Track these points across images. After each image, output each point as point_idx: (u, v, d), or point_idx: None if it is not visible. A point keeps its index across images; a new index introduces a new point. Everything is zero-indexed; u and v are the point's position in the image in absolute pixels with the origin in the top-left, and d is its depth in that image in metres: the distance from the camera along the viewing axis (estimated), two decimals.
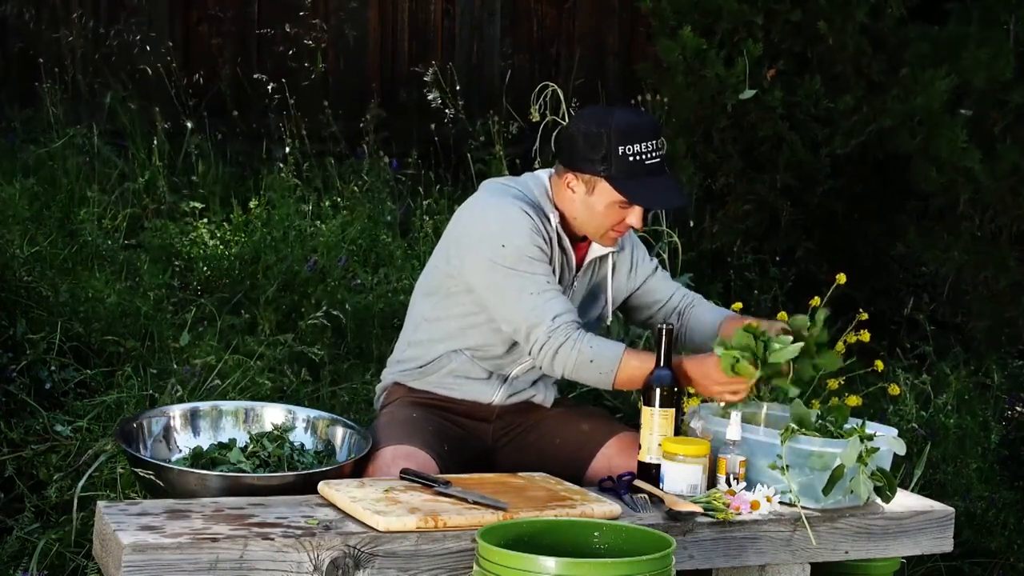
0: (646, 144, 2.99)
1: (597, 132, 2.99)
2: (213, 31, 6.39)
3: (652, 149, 3.00)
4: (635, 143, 2.98)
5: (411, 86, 6.59)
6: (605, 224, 3.07)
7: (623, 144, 2.97)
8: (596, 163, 3.00)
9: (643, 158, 2.99)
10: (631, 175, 2.99)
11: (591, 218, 3.07)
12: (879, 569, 3.01)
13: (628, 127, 2.99)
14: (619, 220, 3.05)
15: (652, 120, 3.12)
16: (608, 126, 2.99)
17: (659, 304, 3.31)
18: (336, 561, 2.44)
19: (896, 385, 3.40)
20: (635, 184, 2.99)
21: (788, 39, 5.56)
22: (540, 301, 2.98)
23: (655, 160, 3.00)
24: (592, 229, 3.10)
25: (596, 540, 2.44)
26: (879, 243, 5.71)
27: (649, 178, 3.00)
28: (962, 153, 5.13)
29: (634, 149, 2.98)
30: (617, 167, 2.98)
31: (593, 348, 2.95)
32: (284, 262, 4.66)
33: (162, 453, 3.00)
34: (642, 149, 2.98)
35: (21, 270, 4.00)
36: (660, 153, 3.02)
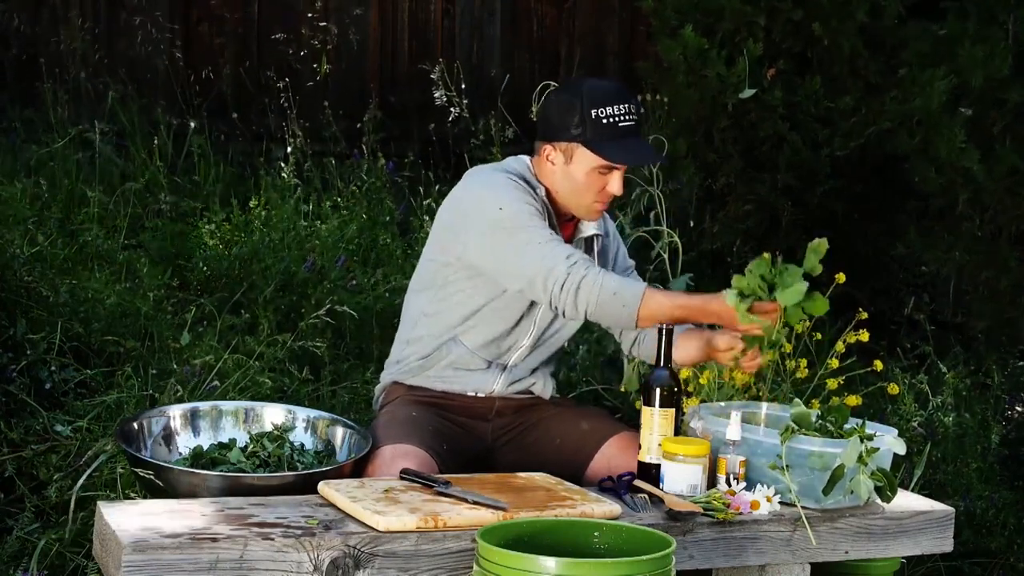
0: (618, 107, 3.03)
1: (569, 100, 3.05)
2: (214, 31, 6.39)
3: (625, 112, 3.04)
4: (607, 106, 3.02)
5: (411, 86, 6.59)
6: (588, 193, 3.08)
7: (595, 107, 3.02)
8: (572, 130, 3.04)
9: (616, 120, 3.02)
10: (606, 137, 3.03)
11: (573, 188, 3.09)
12: (879, 569, 3.01)
13: (599, 91, 3.05)
14: (601, 187, 3.07)
15: (622, 85, 3.15)
16: (580, 93, 3.05)
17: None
18: (336, 561, 2.44)
19: (896, 385, 3.40)
20: (611, 145, 3.03)
21: (789, 39, 5.56)
22: (550, 248, 2.98)
23: (629, 122, 3.04)
24: (575, 201, 3.11)
25: (596, 540, 2.44)
26: (879, 243, 5.71)
27: (624, 139, 3.03)
28: (960, 153, 5.13)
29: (607, 111, 3.02)
30: (592, 130, 3.02)
31: (616, 282, 2.96)
32: (283, 262, 4.66)
33: (162, 453, 3.00)
34: (615, 111, 3.02)
35: (21, 270, 4.01)
36: (633, 116, 3.05)
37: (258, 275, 4.61)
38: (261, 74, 6.26)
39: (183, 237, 4.87)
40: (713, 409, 3.04)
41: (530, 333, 3.17)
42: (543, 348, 3.23)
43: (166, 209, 5.10)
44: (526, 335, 3.17)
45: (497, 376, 3.17)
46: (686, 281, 4.18)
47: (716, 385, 3.41)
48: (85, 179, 5.08)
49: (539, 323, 3.17)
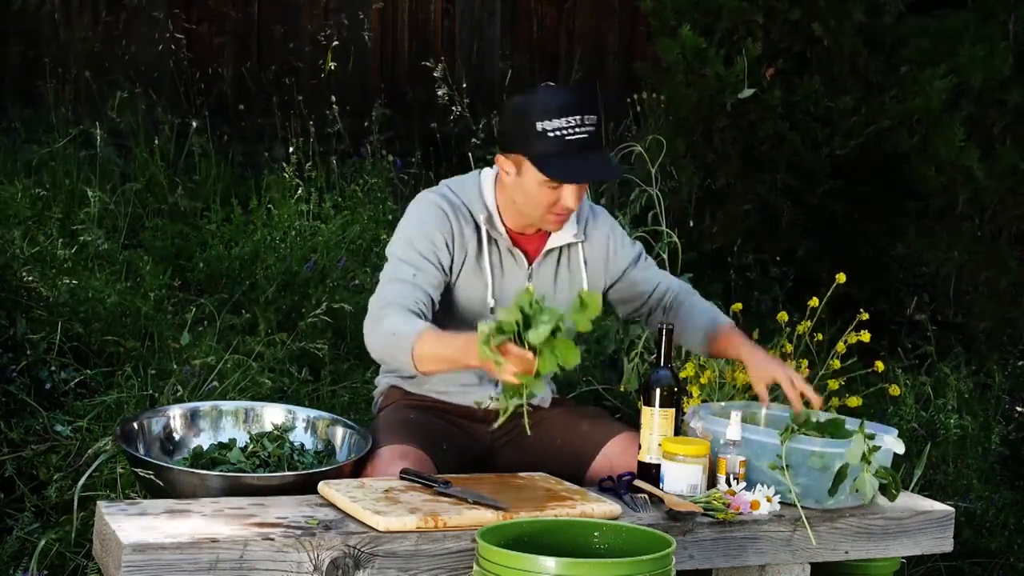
0: (568, 119, 2.92)
1: (519, 111, 2.97)
2: (214, 30, 6.39)
3: (576, 125, 2.92)
4: (553, 119, 2.92)
5: (412, 86, 6.59)
6: (540, 206, 3.01)
7: (541, 120, 2.92)
8: (520, 142, 2.96)
9: (564, 134, 2.92)
10: (552, 152, 2.93)
11: (526, 201, 3.03)
12: (879, 569, 3.01)
13: (547, 104, 2.94)
14: (552, 201, 2.99)
15: (580, 96, 2.98)
16: (529, 104, 2.96)
17: (642, 298, 3.28)
18: (336, 561, 2.44)
19: (896, 385, 3.40)
20: (556, 161, 2.93)
21: (788, 38, 5.56)
22: (389, 287, 2.98)
23: (580, 135, 2.92)
24: (530, 213, 3.06)
25: (596, 540, 2.44)
26: (879, 243, 5.71)
27: (572, 154, 2.93)
28: (960, 152, 5.13)
29: (553, 125, 2.92)
30: (537, 144, 2.93)
31: (398, 324, 2.88)
32: (284, 262, 4.66)
33: (162, 453, 3.00)
34: (562, 125, 2.92)
35: (21, 270, 4.01)
36: (586, 129, 2.93)
37: (259, 275, 4.61)
38: (261, 74, 6.26)
39: (184, 237, 4.87)
40: (713, 409, 3.04)
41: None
42: None
43: (166, 209, 5.11)
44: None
45: (491, 391, 3.17)
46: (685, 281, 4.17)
47: (716, 385, 3.41)
48: (86, 179, 5.08)
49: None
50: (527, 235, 3.14)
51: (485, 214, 3.09)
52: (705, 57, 5.44)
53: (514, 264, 3.13)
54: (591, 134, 2.94)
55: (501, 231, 3.10)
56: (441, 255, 3.04)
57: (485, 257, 3.09)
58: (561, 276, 3.18)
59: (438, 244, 3.04)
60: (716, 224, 5.73)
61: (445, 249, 3.05)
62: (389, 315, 2.92)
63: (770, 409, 3.11)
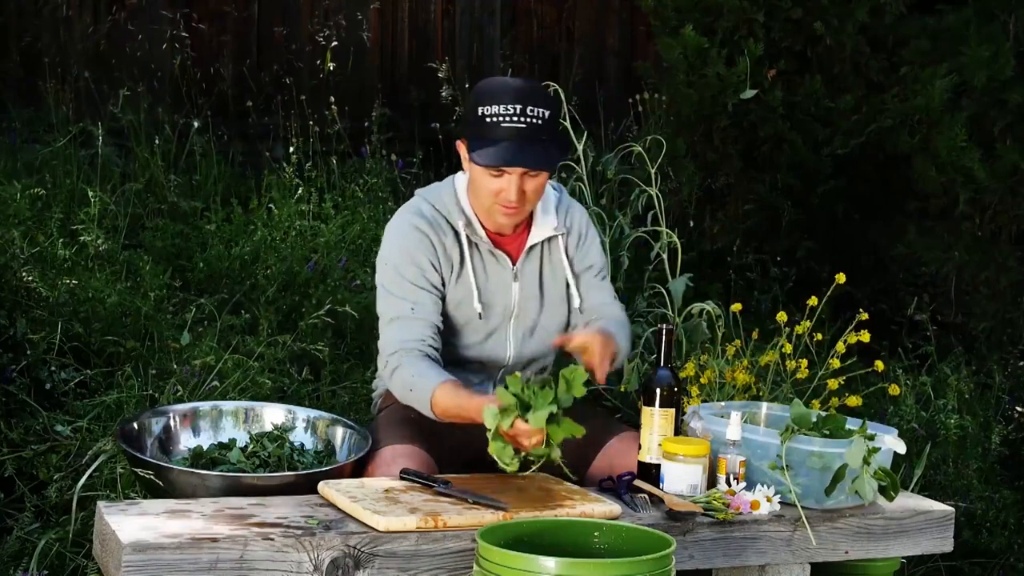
0: (506, 107, 2.91)
1: (471, 95, 3.00)
2: (214, 30, 6.39)
3: (514, 113, 2.90)
4: (492, 104, 2.92)
5: (412, 86, 6.59)
6: (484, 195, 3.01)
7: (481, 105, 2.94)
8: (465, 125, 2.99)
9: (499, 120, 2.91)
10: (485, 136, 2.93)
11: (476, 191, 3.03)
12: (879, 569, 3.01)
13: (489, 89, 2.97)
14: (496, 190, 2.97)
15: (529, 88, 2.98)
16: (478, 89, 3.00)
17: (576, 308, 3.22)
18: (336, 561, 2.44)
19: (896, 385, 3.40)
20: (485, 144, 2.93)
21: (789, 38, 5.56)
22: (392, 329, 3.01)
23: (517, 124, 2.90)
24: (478, 204, 3.06)
25: (596, 540, 2.44)
26: (880, 243, 5.71)
27: (504, 141, 2.91)
28: (961, 152, 5.12)
29: (491, 110, 2.92)
30: (475, 128, 2.94)
31: (414, 377, 2.94)
32: (284, 262, 4.66)
33: (162, 453, 3.00)
34: (499, 111, 2.91)
35: (21, 270, 4.01)
36: (527, 120, 2.91)
37: (259, 275, 4.61)
38: (262, 73, 6.26)
39: (184, 237, 4.87)
40: (713, 409, 3.04)
41: (507, 355, 3.17)
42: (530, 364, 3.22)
43: (167, 209, 5.11)
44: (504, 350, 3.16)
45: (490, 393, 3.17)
46: (685, 281, 4.17)
47: (716, 385, 3.41)
48: (86, 179, 5.08)
49: (515, 344, 3.16)
50: (507, 236, 3.13)
51: (464, 220, 3.08)
52: (706, 57, 5.44)
53: (497, 266, 3.12)
54: (531, 126, 2.92)
55: (481, 235, 3.10)
56: (431, 277, 3.05)
57: (468, 264, 3.09)
58: (546, 272, 3.18)
59: (425, 267, 3.05)
60: (716, 224, 5.73)
61: (433, 270, 3.06)
62: (403, 365, 2.96)
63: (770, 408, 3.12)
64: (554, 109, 2.97)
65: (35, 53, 6.04)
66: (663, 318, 4.09)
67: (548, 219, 3.15)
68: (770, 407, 3.14)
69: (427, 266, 3.05)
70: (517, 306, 3.15)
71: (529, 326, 3.17)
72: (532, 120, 2.92)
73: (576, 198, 4.40)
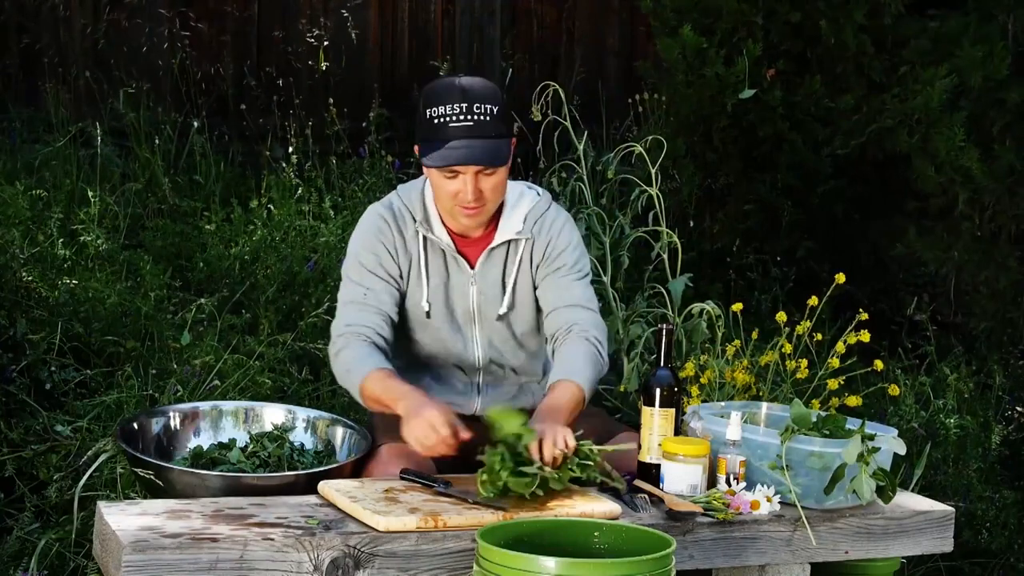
0: (451, 106, 2.92)
1: (420, 100, 3.00)
2: (214, 30, 6.39)
3: (460, 112, 2.91)
4: (437, 105, 2.93)
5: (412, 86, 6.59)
6: (442, 197, 3.00)
7: (428, 107, 2.95)
8: (416, 129, 3.00)
9: (446, 120, 2.92)
10: (433, 137, 2.94)
11: (436, 193, 3.03)
12: (879, 569, 3.01)
13: (435, 91, 2.97)
14: (453, 191, 2.96)
15: (472, 86, 2.97)
16: (424, 92, 3.01)
17: (543, 314, 3.15)
18: (336, 561, 2.44)
19: (896, 385, 3.40)
20: (434, 145, 2.93)
21: (788, 39, 5.56)
22: (345, 311, 3.04)
23: (465, 123, 2.91)
24: (441, 206, 3.05)
25: (596, 540, 2.44)
26: (880, 243, 5.71)
27: (450, 140, 2.92)
28: (959, 152, 5.12)
29: (437, 112, 2.93)
30: (425, 131, 2.96)
31: (352, 360, 2.96)
32: (284, 262, 4.66)
33: (162, 453, 3.00)
34: (445, 111, 2.92)
35: (21, 270, 4.01)
36: (474, 117, 2.91)
37: (259, 275, 4.61)
38: (261, 73, 6.26)
39: (184, 237, 4.87)
40: (713, 409, 3.04)
41: (476, 357, 3.16)
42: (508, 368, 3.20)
43: (167, 209, 5.11)
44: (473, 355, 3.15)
45: (474, 398, 3.17)
46: (685, 281, 4.17)
47: (716, 385, 3.41)
48: (86, 179, 5.08)
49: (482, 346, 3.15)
50: (471, 238, 3.11)
51: (423, 215, 3.08)
52: (705, 57, 5.44)
53: (457, 269, 3.11)
54: (478, 123, 2.91)
55: (441, 234, 3.08)
56: (387, 266, 3.06)
57: (422, 261, 3.09)
58: (508, 275, 3.13)
59: (381, 255, 3.06)
60: (716, 224, 5.73)
61: (390, 259, 3.07)
62: (346, 347, 2.99)
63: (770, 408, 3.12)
64: (500, 104, 2.97)
65: (35, 53, 6.04)
66: (663, 318, 4.09)
67: (512, 223, 3.10)
68: (770, 407, 3.14)
69: (384, 255, 3.06)
70: (477, 310, 3.12)
71: (497, 328, 3.14)
72: (479, 117, 2.92)
73: (576, 198, 4.41)
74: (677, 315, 4.09)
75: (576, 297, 3.10)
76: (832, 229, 5.73)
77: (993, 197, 5.19)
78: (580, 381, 2.95)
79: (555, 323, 3.10)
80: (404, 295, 3.10)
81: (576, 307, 3.09)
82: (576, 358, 3.00)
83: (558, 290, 3.11)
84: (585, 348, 3.02)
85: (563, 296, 3.10)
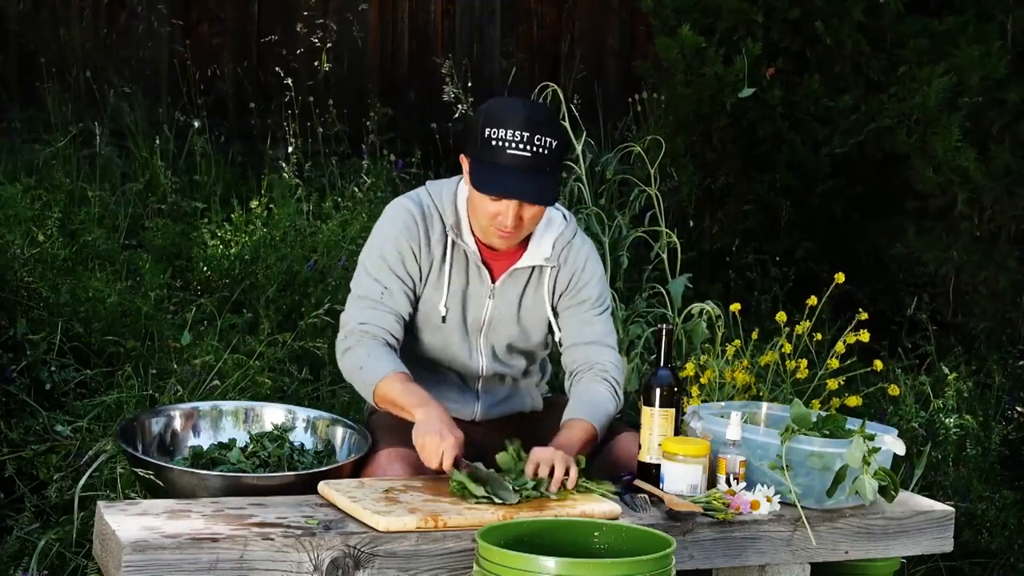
0: (513, 132, 2.84)
1: (479, 113, 2.94)
2: (214, 31, 6.39)
3: (521, 140, 2.84)
4: (500, 128, 2.85)
5: (411, 86, 6.59)
6: (480, 215, 2.95)
7: (488, 126, 2.87)
8: (469, 143, 2.92)
9: (505, 145, 2.84)
10: (488, 158, 2.87)
11: (473, 208, 2.98)
12: (879, 569, 3.01)
13: (498, 112, 2.89)
14: (493, 213, 2.92)
15: (540, 116, 2.90)
16: (488, 108, 2.93)
17: (562, 346, 3.14)
18: (336, 561, 2.44)
19: (896, 386, 3.40)
20: (486, 168, 2.87)
21: (787, 38, 5.56)
22: (358, 308, 3.00)
23: (522, 152, 2.84)
24: (476, 221, 3.00)
25: (596, 540, 2.44)
26: (879, 243, 5.71)
27: (505, 167, 2.85)
28: (956, 152, 5.12)
29: (498, 134, 2.85)
30: (479, 149, 2.88)
31: (368, 357, 2.93)
32: (284, 262, 4.66)
33: (162, 453, 3.00)
34: (506, 136, 2.85)
35: (21, 270, 4.01)
36: (532, 149, 2.84)
37: (259, 275, 4.61)
38: (261, 73, 6.26)
39: (184, 237, 4.87)
40: (713, 409, 3.04)
41: (480, 367, 3.14)
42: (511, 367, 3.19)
43: (167, 209, 5.11)
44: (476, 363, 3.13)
45: (472, 403, 3.16)
46: (685, 281, 4.18)
47: (716, 385, 3.41)
48: (86, 179, 5.08)
49: (486, 356, 3.13)
50: (497, 251, 3.06)
51: (454, 219, 3.04)
52: (704, 56, 5.44)
53: (478, 279, 3.08)
54: (536, 155, 2.85)
55: (469, 241, 3.05)
56: (410, 267, 3.02)
57: (447, 265, 3.05)
58: (527, 297, 3.11)
59: (405, 255, 3.01)
60: (716, 224, 5.73)
61: (413, 260, 3.02)
62: (359, 344, 2.96)
63: (770, 408, 3.12)
64: (562, 139, 2.92)
65: (34, 53, 6.04)
66: (663, 318, 4.10)
67: (541, 249, 3.08)
68: (770, 407, 3.14)
69: (409, 256, 3.02)
70: (488, 323, 3.10)
71: (502, 344, 3.13)
72: (538, 150, 2.86)
73: (575, 198, 4.41)
74: (677, 315, 4.09)
75: (597, 333, 3.12)
76: (831, 229, 5.73)
77: (992, 197, 5.19)
78: (595, 423, 2.98)
79: (575, 359, 3.12)
80: (419, 297, 3.07)
81: (597, 344, 3.11)
82: (593, 399, 3.04)
83: (580, 325, 3.12)
84: (603, 388, 3.06)
85: (584, 332, 3.12)
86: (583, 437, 2.94)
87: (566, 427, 2.97)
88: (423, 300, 3.08)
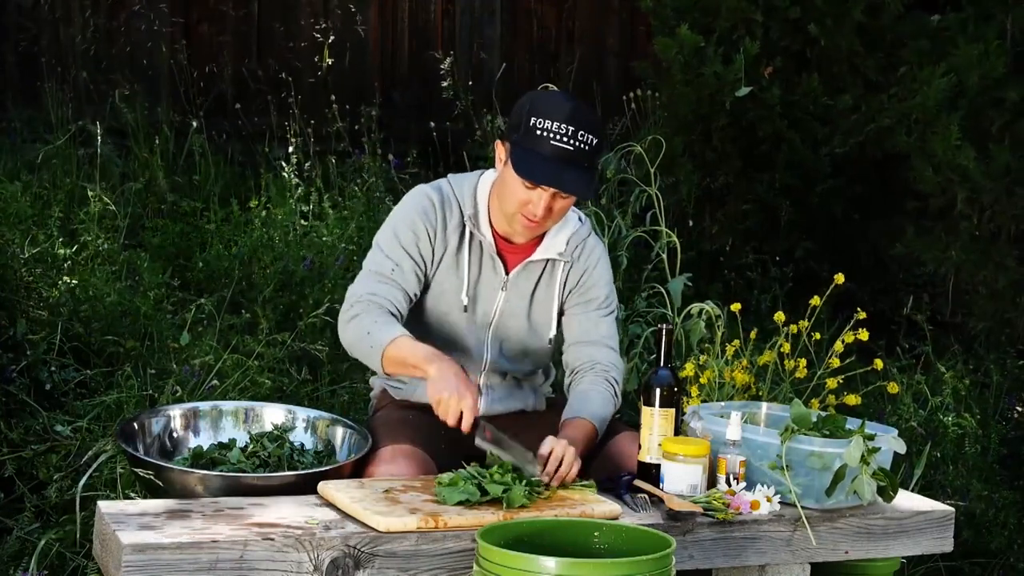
0: (559, 125, 2.88)
1: (525, 100, 2.97)
2: (214, 30, 6.39)
3: (565, 133, 2.87)
4: (546, 119, 2.89)
5: (411, 85, 6.59)
6: (511, 201, 2.96)
7: (534, 115, 2.90)
8: (513, 129, 2.95)
9: (549, 135, 2.87)
10: (530, 145, 2.89)
11: (502, 191, 2.99)
12: (879, 569, 3.01)
13: (546, 103, 2.93)
14: (525, 201, 2.94)
15: (586, 114, 2.93)
16: (535, 97, 2.97)
17: (564, 343, 3.17)
18: (336, 561, 2.44)
19: (895, 384, 3.40)
20: (529, 156, 2.90)
21: (787, 37, 5.56)
22: (367, 281, 3.00)
23: (565, 145, 2.87)
24: (502, 207, 3.01)
25: (596, 540, 2.44)
26: (879, 243, 5.71)
27: (548, 157, 2.88)
28: (956, 151, 5.12)
29: (543, 124, 2.88)
30: (523, 134, 2.91)
31: (376, 323, 2.91)
32: (282, 261, 4.66)
33: (162, 453, 3.00)
34: (551, 127, 2.88)
35: (21, 270, 4.01)
36: (576, 143, 2.88)
37: (258, 274, 4.61)
38: (261, 73, 6.26)
39: (183, 237, 4.87)
40: (713, 409, 3.05)
41: (485, 359, 3.14)
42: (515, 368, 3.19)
43: (166, 209, 5.11)
44: (481, 355, 3.13)
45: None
46: (684, 281, 4.18)
47: (716, 385, 3.41)
48: (86, 178, 5.08)
49: (491, 350, 3.14)
50: (513, 244, 3.10)
51: (472, 210, 3.07)
52: (703, 56, 5.44)
53: (492, 271, 3.10)
54: (578, 150, 2.89)
55: (486, 232, 3.07)
56: (423, 248, 3.04)
57: (464, 254, 3.07)
58: (539, 291, 3.13)
59: (420, 235, 3.03)
60: (715, 224, 5.73)
61: (427, 241, 3.04)
62: (365, 312, 2.95)
63: (770, 408, 3.12)
64: (602, 139, 2.96)
65: (34, 53, 6.04)
66: (662, 318, 4.10)
67: (556, 243, 3.11)
68: (770, 407, 3.14)
69: (423, 236, 3.03)
70: (498, 316, 3.11)
71: (509, 338, 3.14)
72: (580, 144, 2.89)
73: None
74: (676, 315, 4.09)
75: (601, 334, 3.16)
76: (831, 229, 5.73)
77: (992, 197, 5.19)
78: (595, 421, 3.02)
79: (577, 357, 3.15)
80: (429, 281, 3.08)
81: (600, 345, 3.15)
82: (594, 398, 3.08)
83: (585, 324, 3.15)
84: (603, 388, 3.10)
85: (589, 332, 3.15)
86: (584, 436, 2.97)
87: (567, 426, 2.99)
88: (435, 285, 3.09)
